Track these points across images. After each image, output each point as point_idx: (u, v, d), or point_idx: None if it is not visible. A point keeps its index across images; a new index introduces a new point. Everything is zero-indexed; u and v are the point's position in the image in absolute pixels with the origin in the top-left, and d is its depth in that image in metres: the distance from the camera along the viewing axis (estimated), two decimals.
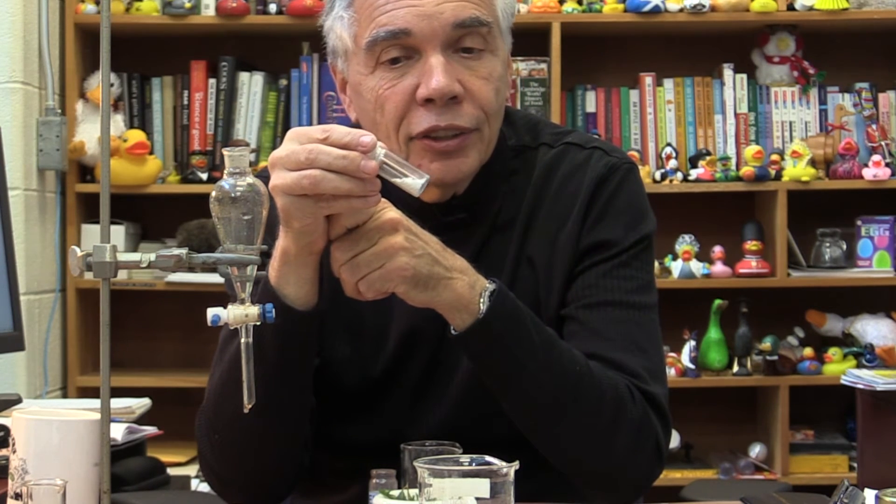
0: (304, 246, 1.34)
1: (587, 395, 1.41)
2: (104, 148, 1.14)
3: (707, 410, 3.65)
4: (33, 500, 1.11)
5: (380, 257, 1.32)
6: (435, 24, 1.43)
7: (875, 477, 2.22)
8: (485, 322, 1.36)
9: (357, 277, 1.32)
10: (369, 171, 1.27)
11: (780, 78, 3.63)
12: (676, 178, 3.52)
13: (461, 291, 1.36)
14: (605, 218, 1.53)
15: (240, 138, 3.56)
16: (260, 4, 3.52)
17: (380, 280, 1.32)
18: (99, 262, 1.12)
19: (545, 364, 1.39)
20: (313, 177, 1.26)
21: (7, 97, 3.20)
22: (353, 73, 1.49)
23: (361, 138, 1.27)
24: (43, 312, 3.35)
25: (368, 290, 1.33)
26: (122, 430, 1.89)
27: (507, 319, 1.38)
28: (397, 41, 1.43)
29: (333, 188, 1.27)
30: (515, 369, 1.39)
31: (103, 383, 1.12)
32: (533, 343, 1.39)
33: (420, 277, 1.33)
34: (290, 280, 1.37)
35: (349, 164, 1.26)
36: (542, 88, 3.51)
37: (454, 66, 1.44)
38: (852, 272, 3.55)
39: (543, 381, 1.39)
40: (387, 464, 1.37)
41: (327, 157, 1.26)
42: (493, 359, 1.39)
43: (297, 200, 1.28)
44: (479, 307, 1.36)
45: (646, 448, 1.45)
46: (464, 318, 1.36)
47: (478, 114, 1.47)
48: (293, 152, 1.28)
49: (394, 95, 1.45)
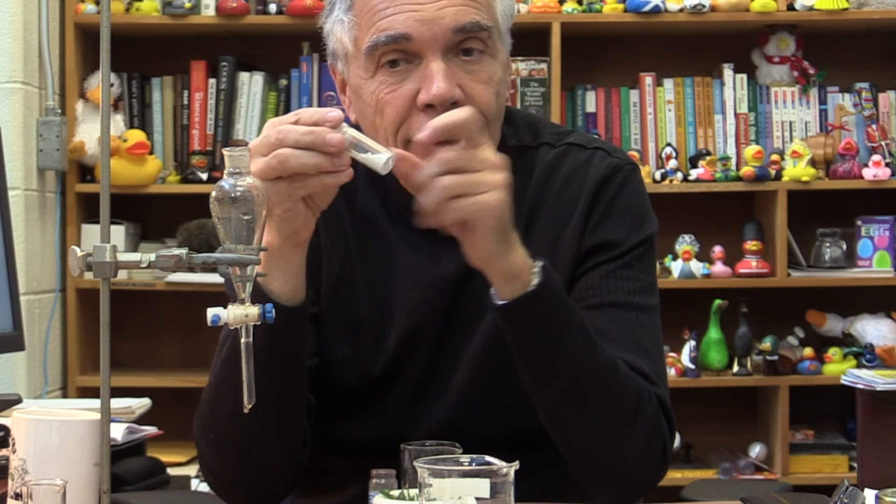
0: (288, 237, 1.35)
1: (613, 388, 1.42)
2: (104, 148, 1.14)
3: (707, 410, 3.65)
4: (33, 500, 1.11)
5: (486, 184, 1.30)
6: (435, 29, 1.42)
7: (875, 477, 2.22)
8: (535, 294, 1.36)
9: (455, 193, 1.30)
10: (335, 143, 1.28)
11: (780, 78, 3.63)
12: (676, 178, 3.52)
13: (519, 259, 1.36)
14: (607, 219, 1.53)
15: (240, 138, 3.56)
16: (260, 4, 3.52)
17: (478, 205, 1.30)
18: (99, 262, 1.12)
19: (581, 348, 1.40)
20: (281, 155, 1.28)
21: (7, 97, 3.20)
22: (353, 76, 1.49)
23: (328, 114, 1.30)
24: (43, 312, 3.35)
25: (457, 212, 1.30)
26: (122, 430, 1.89)
27: (555, 297, 1.38)
28: (397, 46, 1.43)
29: (300, 164, 1.28)
30: (552, 349, 1.39)
31: (103, 383, 1.12)
32: (573, 326, 1.39)
33: (504, 224, 1.33)
34: (275, 275, 1.37)
35: (315, 138, 1.28)
36: (542, 88, 3.51)
37: (454, 71, 1.44)
38: (852, 272, 3.55)
39: (577, 364, 1.39)
40: (387, 464, 1.37)
41: (294, 135, 1.29)
42: (534, 334, 1.39)
43: (272, 185, 1.29)
44: (531, 279, 1.36)
45: (655, 449, 1.46)
46: (515, 288, 1.36)
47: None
48: (265, 137, 1.31)
49: (394, 100, 1.44)
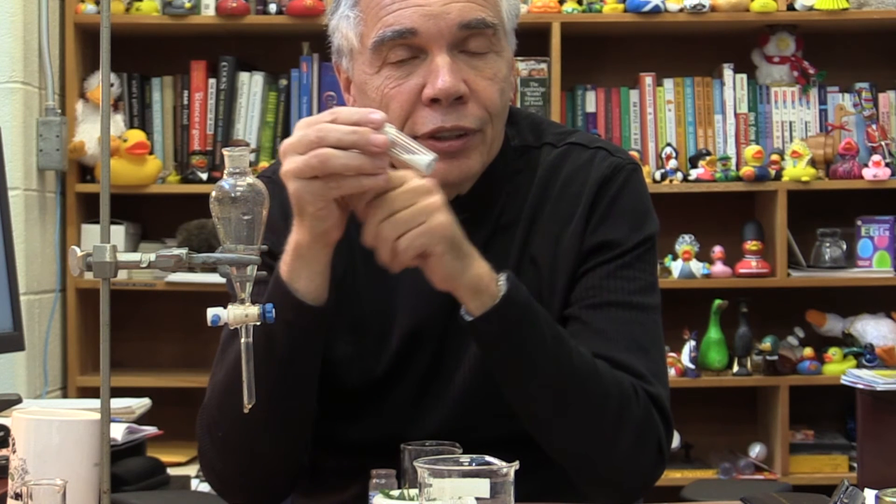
0: (319, 235, 1.34)
1: (593, 392, 1.41)
2: (104, 148, 1.14)
3: (707, 410, 3.65)
4: (33, 500, 1.11)
5: (422, 213, 1.31)
6: (441, 25, 1.43)
7: (875, 477, 2.22)
8: (502, 307, 1.36)
9: (398, 233, 1.31)
10: (379, 144, 1.27)
11: (780, 78, 3.63)
12: (676, 178, 3.52)
13: (482, 272, 1.36)
14: (608, 218, 1.53)
15: (240, 138, 3.56)
16: (260, 4, 3.52)
17: (423, 235, 1.31)
18: (99, 262, 1.12)
19: (554, 356, 1.40)
20: (323, 154, 1.27)
21: (7, 97, 3.20)
22: (358, 72, 1.49)
23: (371, 115, 1.29)
24: (43, 312, 3.35)
25: (408, 250, 1.32)
26: (122, 430, 1.89)
27: (523, 307, 1.38)
28: (404, 41, 1.44)
29: (342, 165, 1.27)
30: (525, 359, 1.39)
31: (103, 383, 1.12)
32: (544, 334, 1.39)
33: (457, 241, 1.34)
34: (301, 274, 1.37)
35: (359, 138, 1.27)
36: (542, 88, 3.51)
37: (460, 66, 1.45)
38: (852, 272, 3.55)
39: (552, 373, 1.40)
40: (387, 464, 1.37)
41: (336, 134, 1.28)
42: (505, 347, 1.39)
43: (308, 184, 1.29)
44: (497, 291, 1.36)
45: (648, 448, 1.45)
46: (483, 301, 1.36)
47: (482, 114, 1.47)
48: (303, 135, 1.29)
49: (399, 95, 1.45)
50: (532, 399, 1.42)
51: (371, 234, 1.33)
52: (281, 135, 3.56)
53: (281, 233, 1.42)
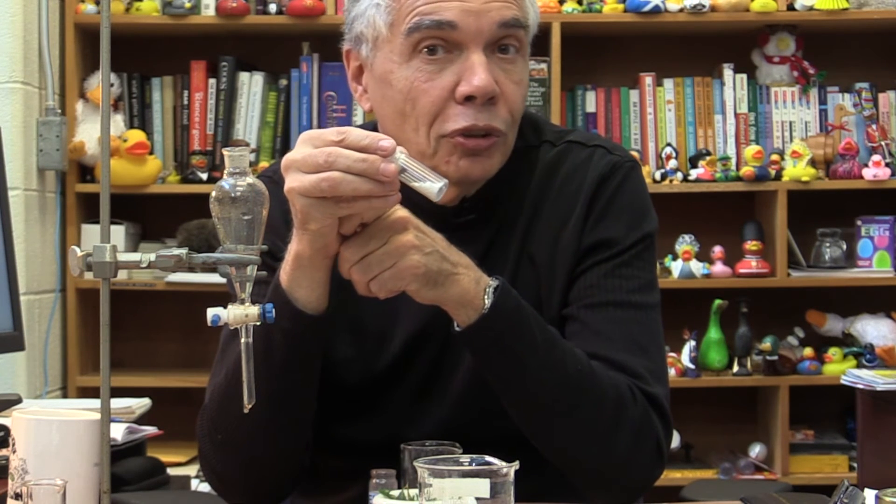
0: (320, 249, 1.34)
1: (588, 395, 1.41)
2: (104, 148, 1.14)
3: (707, 410, 3.65)
4: (33, 500, 1.11)
5: (391, 256, 1.32)
6: (482, 22, 1.44)
7: (875, 477, 2.22)
8: (488, 318, 1.36)
9: (369, 277, 1.32)
10: (389, 174, 1.27)
11: (780, 78, 3.63)
12: (676, 178, 3.52)
13: (467, 287, 1.36)
14: (607, 216, 1.53)
15: (240, 138, 3.55)
16: (260, 4, 3.52)
17: (392, 279, 1.33)
18: (99, 262, 1.12)
19: (546, 362, 1.39)
20: (333, 179, 1.26)
21: (7, 97, 3.20)
22: (382, 60, 1.48)
23: (380, 142, 1.27)
24: (43, 312, 3.35)
25: (381, 290, 1.33)
26: (122, 430, 1.89)
27: (511, 316, 1.38)
28: (440, 32, 1.44)
29: (353, 189, 1.27)
30: (517, 366, 1.39)
31: (103, 383, 1.12)
32: (535, 341, 1.39)
33: (430, 275, 1.34)
34: (302, 283, 1.37)
35: (368, 167, 1.26)
36: (542, 88, 3.51)
37: (493, 67, 1.45)
38: (852, 272, 3.55)
39: (544, 379, 1.39)
40: (387, 464, 1.37)
41: (346, 161, 1.26)
42: (496, 355, 1.39)
43: (316, 203, 1.28)
44: (483, 303, 1.36)
45: (646, 448, 1.45)
46: (469, 314, 1.36)
47: (508, 117, 1.48)
48: (310, 155, 1.28)
49: (431, 89, 1.45)
50: (526, 405, 1.42)
51: (345, 271, 1.34)
52: (281, 135, 3.56)
53: (281, 233, 1.42)
